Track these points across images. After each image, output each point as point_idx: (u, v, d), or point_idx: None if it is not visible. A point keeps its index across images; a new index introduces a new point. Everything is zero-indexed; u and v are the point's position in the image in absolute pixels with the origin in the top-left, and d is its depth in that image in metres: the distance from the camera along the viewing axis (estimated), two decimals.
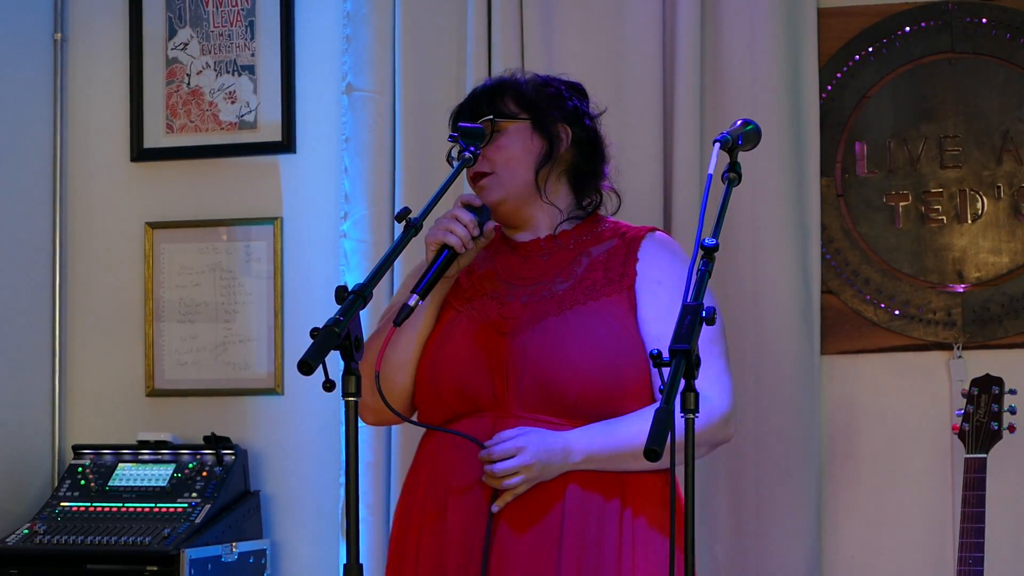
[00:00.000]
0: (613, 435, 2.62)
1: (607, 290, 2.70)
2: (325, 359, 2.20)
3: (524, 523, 2.61)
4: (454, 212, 2.66)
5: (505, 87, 2.81)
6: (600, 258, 2.74)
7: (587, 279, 2.71)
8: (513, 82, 2.82)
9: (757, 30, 3.82)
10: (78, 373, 4.31)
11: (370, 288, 2.33)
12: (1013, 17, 3.80)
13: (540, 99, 2.79)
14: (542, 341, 2.64)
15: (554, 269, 2.75)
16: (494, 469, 2.57)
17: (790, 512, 3.75)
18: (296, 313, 4.15)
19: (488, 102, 2.78)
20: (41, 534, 3.85)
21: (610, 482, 2.63)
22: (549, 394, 2.62)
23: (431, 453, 2.72)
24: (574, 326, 2.64)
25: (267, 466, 4.15)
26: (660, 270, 2.72)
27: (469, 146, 2.68)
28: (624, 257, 2.74)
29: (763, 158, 3.63)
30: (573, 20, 3.92)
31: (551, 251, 2.77)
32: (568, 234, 2.79)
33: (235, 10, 4.23)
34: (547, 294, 2.71)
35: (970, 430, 3.39)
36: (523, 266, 2.77)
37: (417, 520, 2.69)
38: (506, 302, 2.71)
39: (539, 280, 2.74)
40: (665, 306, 2.65)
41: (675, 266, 2.74)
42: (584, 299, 2.68)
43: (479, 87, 2.85)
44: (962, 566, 3.27)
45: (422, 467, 2.73)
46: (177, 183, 4.27)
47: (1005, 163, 3.78)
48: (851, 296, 3.85)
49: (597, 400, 2.63)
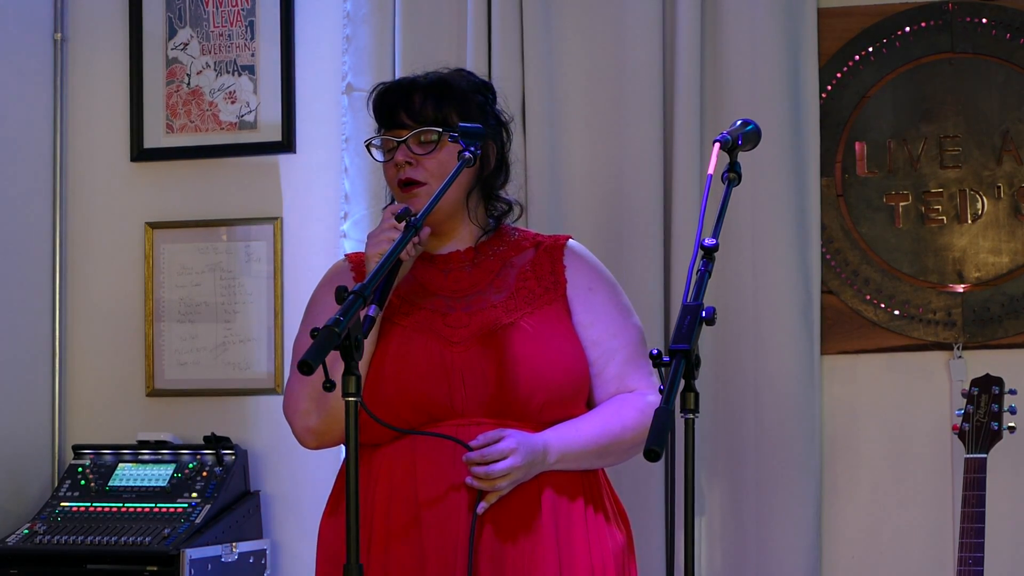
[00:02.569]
0: (580, 434, 2.70)
1: (546, 298, 2.76)
2: (325, 359, 2.20)
3: (508, 523, 2.62)
4: (393, 223, 2.63)
5: (449, 95, 2.77)
6: (525, 267, 2.79)
7: (523, 288, 2.76)
8: (457, 91, 2.78)
9: (757, 30, 3.82)
10: (78, 373, 4.32)
11: (370, 288, 2.34)
12: (1013, 17, 3.80)
13: (477, 114, 2.78)
14: (500, 349, 2.66)
15: (484, 280, 2.77)
16: (492, 470, 2.57)
17: (790, 512, 3.75)
18: (296, 313, 4.13)
19: (435, 107, 2.75)
20: (41, 534, 3.85)
21: (574, 481, 2.70)
22: (512, 400, 2.65)
23: (386, 467, 2.68)
24: (529, 334, 2.68)
25: (267, 466, 4.15)
26: (588, 277, 2.81)
27: (469, 145, 2.67)
28: (551, 266, 2.80)
29: (763, 158, 3.63)
30: (573, 20, 3.92)
31: (474, 263, 2.79)
32: (486, 245, 2.81)
33: (235, 10, 4.23)
34: (487, 304, 2.73)
35: (970, 430, 3.39)
36: (447, 278, 2.77)
37: (381, 534, 2.65)
38: (448, 313, 2.72)
39: (473, 291, 2.75)
40: (599, 310, 2.77)
41: (600, 272, 2.84)
42: (529, 308, 2.73)
43: (420, 81, 2.79)
44: (962, 566, 3.27)
45: (377, 483, 2.68)
46: (177, 183, 4.27)
47: (1005, 163, 3.79)
48: (851, 296, 3.85)
49: (558, 404, 2.70)
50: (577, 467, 2.70)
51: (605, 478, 2.79)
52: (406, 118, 2.74)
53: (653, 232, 3.83)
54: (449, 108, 2.76)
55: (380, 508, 2.67)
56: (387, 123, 2.77)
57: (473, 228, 2.81)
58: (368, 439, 2.67)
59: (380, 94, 2.81)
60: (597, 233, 3.85)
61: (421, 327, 2.70)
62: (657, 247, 3.83)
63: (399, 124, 2.74)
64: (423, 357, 2.66)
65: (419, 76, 2.83)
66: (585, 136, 3.87)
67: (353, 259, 2.87)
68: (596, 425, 2.70)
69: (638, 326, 2.83)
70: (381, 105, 2.79)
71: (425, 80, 2.80)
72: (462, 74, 2.86)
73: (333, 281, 2.81)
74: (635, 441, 2.74)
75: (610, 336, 2.77)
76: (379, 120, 2.79)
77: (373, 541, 2.66)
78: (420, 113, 2.74)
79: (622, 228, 3.84)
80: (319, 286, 2.86)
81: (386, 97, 2.79)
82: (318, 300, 2.84)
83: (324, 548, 2.79)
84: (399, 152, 2.72)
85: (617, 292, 2.84)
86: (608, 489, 2.79)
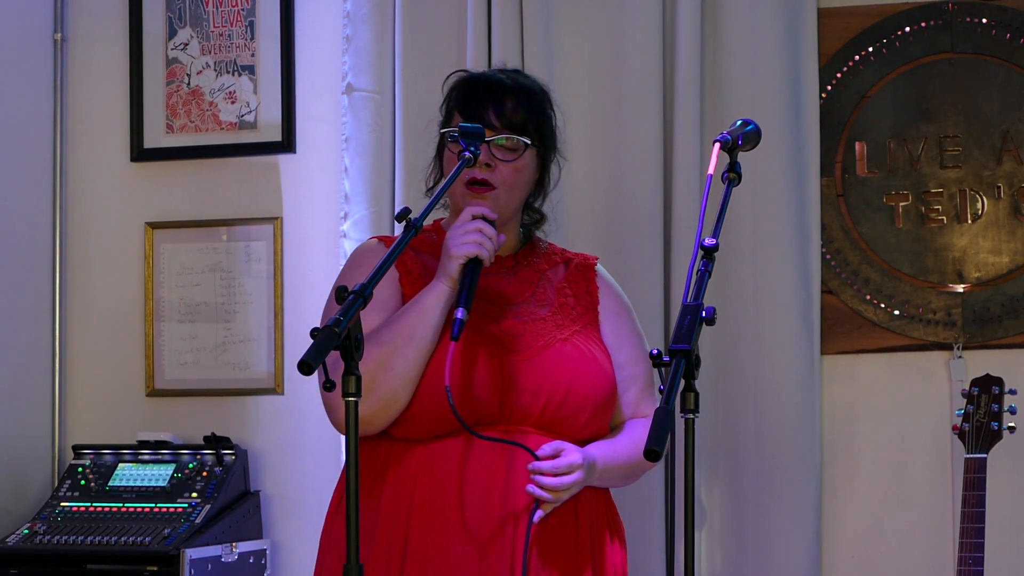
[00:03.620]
0: (618, 454, 2.75)
1: (586, 317, 2.80)
2: (325, 359, 2.20)
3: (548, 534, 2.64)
4: (479, 226, 2.65)
5: (537, 108, 2.78)
6: (561, 283, 2.82)
7: (564, 304, 2.79)
8: (541, 105, 2.80)
9: (757, 30, 3.82)
10: (78, 373, 4.31)
11: (370, 288, 2.33)
12: (1013, 17, 3.80)
13: (549, 129, 2.82)
14: (555, 364, 2.69)
15: (526, 290, 2.79)
16: (564, 482, 2.59)
17: (790, 512, 3.75)
18: (296, 313, 4.15)
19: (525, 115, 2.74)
20: (41, 534, 3.85)
21: (597, 496, 2.76)
22: (563, 416, 2.68)
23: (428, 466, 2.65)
24: (580, 351, 2.72)
25: (267, 466, 4.15)
26: (616, 302, 2.87)
27: (469, 146, 2.67)
28: (585, 286, 2.85)
29: (763, 158, 3.63)
30: (573, 20, 3.92)
31: (512, 270, 2.80)
32: (522, 254, 2.83)
33: (235, 10, 4.23)
34: (535, 316, 2.75)
35: (970, 430, 3.39)
36: (488, 280, 2.77)
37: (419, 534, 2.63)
38: (499, 319, 2.73)
39: (518, 300, 2.77)
40: (624, 336, 2.82)
41: (624, 298, 2.91)
42: (575, 325, 2.77)
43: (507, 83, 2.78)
44: (962, 566, 3.27)
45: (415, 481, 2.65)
46: (177, 183, 4.27)
47: (1005, 163, 3.78)
48: (851, 296, 3.85)
49: (597, 421, 2.74)
50: (605, 485, 2.75)
51: (610, 495, 2.83)
52: (494, 118, 2.73)
53: (653, 232, 3.83)
54: (535, 121, 2.77)
55: (419, 507, 2.64)
56: (471, 117, 2.74)
57: (513, 237, 2.83)
58: (406, 434, 2.66)
59: (468, 86, 2.79)
60: (597, 233, 3.85)
61: (480, 332, 2.69)
62: (657, 247, 3.83)
63: (485, 123, 2.72)
64: (484, 362, 2.67)
65: (503, 76, 2.81)
66: (585, 136, 3.87)
67: (388, 243, 2.83)
68: (630, 448, 2.74)
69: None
70: (468, 97, 2.77)
71: (512, 83, 2.78)
72: (543, 88, 2.85)
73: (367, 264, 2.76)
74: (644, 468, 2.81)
75: (633, 362, 2.82)
76: (461, 111, 2.76)
77: (410, 540, 2.63)
78: (510, 118, 2.74)
79: (622, 228, 3.84)
80: (350, 267, 2.82)
81: (476, 91, 2.77)
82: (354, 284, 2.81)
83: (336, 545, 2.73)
84: (481, 151, 2.70)
85: (636, 320, 2.91)
86: (613, 506, 2.83)
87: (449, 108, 2.82)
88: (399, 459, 2.67)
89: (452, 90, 2.83)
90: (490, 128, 2.72)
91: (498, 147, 2.72)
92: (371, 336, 2.64)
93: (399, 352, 2.62)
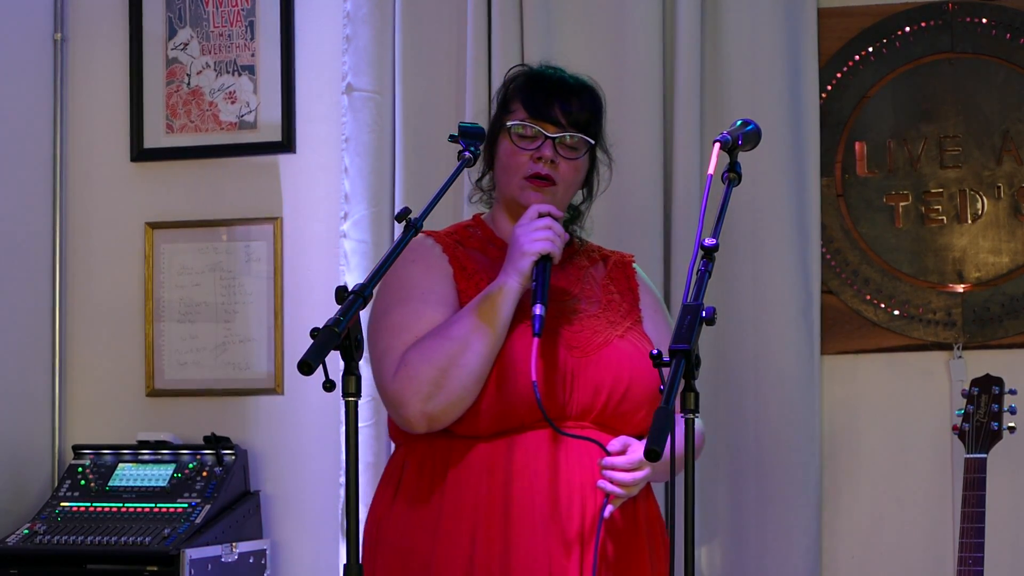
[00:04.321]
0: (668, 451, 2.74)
1: (632, 315, 2.82)
2: (325, 359, 2.20)
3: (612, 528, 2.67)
4: (548, 223, 2.67)
5: (599, 110, 2.82)
6: (603, 281, 2.85)
7: (612, 302, 2.81)
8: (600, 107, 2.83)
9: (757, 30, 3.82)
10: (78, 373, 4.31)
11: (370, 288, 2.33)
12: (1013, 17, 3.80)
13: (600, 137, 2.84)
14: (614, 362, 2.70)
15: (574, 286, 2.80)
16: (637, 477, 2.61)
17: (790, 512, 3.75)
18: (296, 313, 4.15)
19: (589, 116, 2.77)
20: (41, 534, 3.85)
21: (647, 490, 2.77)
22: (622, 412, 2.70)
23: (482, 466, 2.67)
24: (638, 348, 2.73)
25: (267, 466, 4.15)
26: (653, 300, 2.90)
27: (469, 146, 2.67)
28: (627, 283, 2.87)
29: (763, 158, 3.63)
30: (573, 20, 3.92)
31: (561, 267, 2.80)
32: (567, 252, 2.83)
33: (235, 10, 4.23)
34: (588, 313, 2.76)
35: (970, 430, 3.39)
36: None
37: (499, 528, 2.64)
38: (557, 316, 2.73)
39: (568, 296, 2.78)
40: (662, 334, 2.82)
41: (659, 296, 2.94)
42: (626, 322, 2.79)
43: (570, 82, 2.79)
44: (962, 566, 3.27)
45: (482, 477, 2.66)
46: (177, 183, 4.27)
47: (1005, 163, 3.79)
48: (851, 296, 3.85)
49: (648, 417, 2.71)
50: (655, 480, 2.76)
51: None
52: (561, 116, 2.75)
53: (653, 232, 3.83)
54: (597, 122, 2.80)
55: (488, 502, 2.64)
56: (537, 113, 2.75)
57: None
58: (468, 431, 2.67)
59: (534, 81, 2.80)
60: (597, 233, 3.83)
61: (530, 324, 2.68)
62: (657, 247, 3.83)
63: (551, 119, 2.74)
64: (547, 359, 2.67)
65: (565, 75, 2.82)
66: None
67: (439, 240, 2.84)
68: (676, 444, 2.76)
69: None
70: (534, 93, 2.77)
71: (575, 82, 2.80)
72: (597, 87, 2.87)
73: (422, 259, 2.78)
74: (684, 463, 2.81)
75: None
76: (526, 106, 2.77)
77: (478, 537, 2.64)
78: (575, 117, 2.76)
79: (622, 228, 3.84)
80: (404, 264, 2.79)
81: (543, 87, 2.78)
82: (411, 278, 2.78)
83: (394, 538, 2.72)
84: (546, 147, 2.72)
85: (669, 317, 2.92)
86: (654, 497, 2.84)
87: (506, 99, 2.81)
88: (461, 455, 2.68)
89: (513, 82, 2.83)
90: (556, 125, 2.74)
91: (562, 145, 2.74)
92: (437, 332, 2.65)
93: (470, 348, 2.61)
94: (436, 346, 2.62)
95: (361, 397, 2.26)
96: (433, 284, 2.74)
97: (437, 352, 2.61)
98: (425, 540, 2.66)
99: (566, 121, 2.74)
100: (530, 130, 2.74)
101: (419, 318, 2.70)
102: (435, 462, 2.70)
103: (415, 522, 2.69)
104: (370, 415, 3.87)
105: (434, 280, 2.74)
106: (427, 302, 2.70)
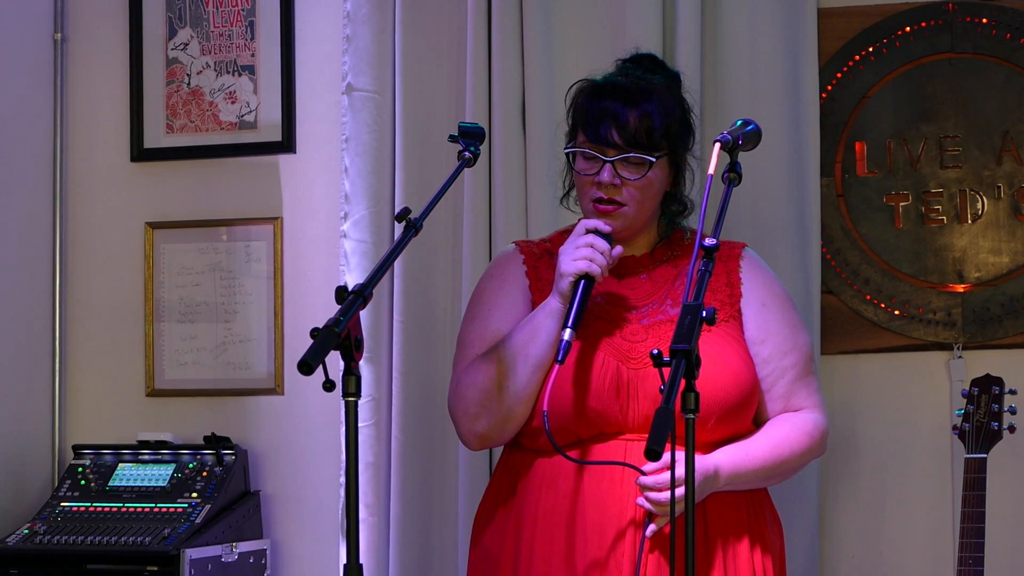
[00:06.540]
0: (750, 458, 2.71)
1: (721, 314, 2.75)
2: (325, 359, 2.20)
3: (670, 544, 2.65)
4: (590, 241, 2.62)
5: (664, 111, 2.71)
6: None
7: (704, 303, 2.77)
8: (667, 110, 2.72)
9: (757, 30, 3.82)
10: (78, 373, 4.31)
11: (370, 288, 2.34)
12: (1013, 17, 3.80)
13: (681, 130, 2.75)
14: None
15: (660, 290, 2.77)
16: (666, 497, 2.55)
17: (790, 512, 3.75)
18: (296, 313, 4.15)
19: (648, 131, 2.68)
20: (41, 534, 3.85)
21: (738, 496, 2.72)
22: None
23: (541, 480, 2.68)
24: (708, 355, 2.62)
25: (267, 466, 4.15)
26: (763, 291, 2.81)
27: (469, 146, 2.67)
28: (726, 277, 2.80)
29: (763, 158, 3.63)
30: (573, 20, 3.92)
31: (649, 269, 2.78)
32: (660, 250, 2.81)
33: (235, 10, 4.23)
34: (664, 317, 2.73)
35: (970, 430, 3.39)
36: (621, 284, 2.77)
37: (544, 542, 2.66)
38: (624, 325, 2.71)
39: (649, 301, 2.75)
40: (772, 328, 2.76)
41: (774, 285, 2.84)
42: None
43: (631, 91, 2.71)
44: (962, 566, 3.27)
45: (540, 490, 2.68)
46: (177, 183, 4.27)
47: (1005, 163, 3.78)
48: (851, 296, 3.85)
49: (728, 423, 2.71)
50: (743, 488, 2.72)
51: (761, 499, 2.81)
52: (617, 137, 2.69)
53: None
54: (662, 129, 2.70)
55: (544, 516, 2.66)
56: (595, 137, 2.69)
57: (652, 232, 2.81)
58: (533, 444, 2.69)
59: (590, 100, 2.73)
60: None
61: (598, 340, 2.68)
62: None
63: (608, 142, 2.69)
64: (598, 374, 2.65)
65: (628, 83, 2.73)
66: None
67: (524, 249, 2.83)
68: (766, 449, 2.72)
69: (808, 342, 2.83)
70: (589, 115, 2.71)
71: (635, 88, 2.72)
72: (669, 81, 2.78)
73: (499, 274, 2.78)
74: (801, 463, 2.78)
75: (782, 354, 2.78)
76: (584, 129, 2.72)
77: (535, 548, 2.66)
78: (634, 136, 2.69)
79: None
80: (484, 279, 2.80)
81: (599, 107, 2.71)
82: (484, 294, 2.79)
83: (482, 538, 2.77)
84: (604, 171, 2.68)
85: (790, 306, 2.84)
86: (762, 511, 2.79)
87: (574, 122, 2.77)
88: (527, 468, 2.71)
89: (574, 102, 2.78)
90: (614, 148, 2.69)
91: (624, 166, 2.69)
92: (489, 353, 2.67)
93: (513, 370, 2.62)
94: (483, 368, 2.65)
95: (361, 397, 2.26)
96: (502, 299, 2.74)
97: (482, 375, 2.62)
98: (498, 544, 2.72)
99: (624, 141, 2.68)
100: (589, 154, 2.71)
101: (481, 336, 2.73)
102: (511, 473, 2.75)
103: (493, 527, 2.75)
104: (370, 415, 3.87)
105: (506, 294, 2.73)
106: (490, 319, 2.71)
